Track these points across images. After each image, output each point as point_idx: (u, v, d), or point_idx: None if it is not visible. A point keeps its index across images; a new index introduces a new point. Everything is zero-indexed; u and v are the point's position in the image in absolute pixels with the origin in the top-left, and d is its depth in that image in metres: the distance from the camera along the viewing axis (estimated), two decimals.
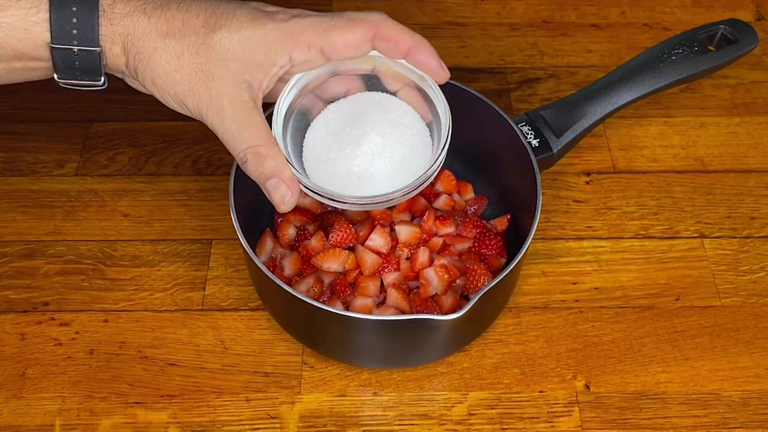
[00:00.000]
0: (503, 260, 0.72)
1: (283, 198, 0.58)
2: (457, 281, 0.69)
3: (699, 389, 0.68)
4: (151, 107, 0.87)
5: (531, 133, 0.71)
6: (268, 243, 0.72)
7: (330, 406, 0.67)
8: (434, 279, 0.67)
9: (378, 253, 0.69)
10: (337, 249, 0.69)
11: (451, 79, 0.73)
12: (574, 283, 0.74)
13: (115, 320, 0.71)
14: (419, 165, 0.61)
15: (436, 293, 0.68)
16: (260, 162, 0.57)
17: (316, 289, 0.68)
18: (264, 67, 0.58)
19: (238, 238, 0.63)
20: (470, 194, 0.77)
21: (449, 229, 0.72)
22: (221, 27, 0.57)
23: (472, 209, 0.75)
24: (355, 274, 0.69)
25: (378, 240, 0.69)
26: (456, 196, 0.76)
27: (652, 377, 0.69)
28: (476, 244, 0.71)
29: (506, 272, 0.61)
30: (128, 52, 0.57)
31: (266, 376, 0.68)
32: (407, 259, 0.70)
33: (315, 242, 0.70)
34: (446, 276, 0.67)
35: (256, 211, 0.73)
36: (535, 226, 0.64)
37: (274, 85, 0.60)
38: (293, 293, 0.60)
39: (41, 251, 0.75)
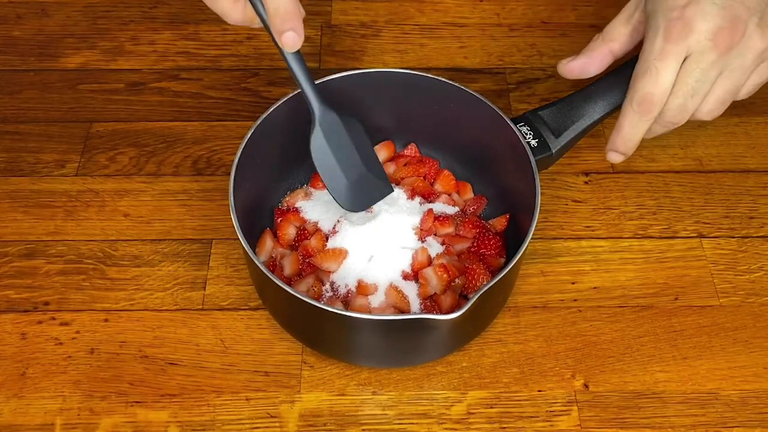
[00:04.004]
0: (502, 260, 0.72)
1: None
2: (456, 281, 0.69)
3: (697, 388, 0.68)
4: (151, 107, 0.88)
5: (530, 134, 0.71)
6: (268, 243, 0.72)
7: (329, 405, 0.67)
8: (433, 279, 0.68)
9: None
10: (337, 249, 0.69)
11: (450, 79, 0.73)
12: (573, 283, 0.75)
13: (116, 320, 0.71)
14: None
15: (435, 293, 0.68)
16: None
17: (316, 289, 0.68)
18: None
19: (238, 238, 0.63)
20: (469, 194, 0.77)
21: (449, 230, 0.72)
22: None
23: (471, 209, 0.75)
24: None
25: None
26: (455, 196, 0.76)
27: (651, 376, 0.69)
28: (475, 244, 0.72)
29: (505, 271, 0.61)
30: None
31: (266, 375, 0.68)
32: None
33: (315, 242, 0.70)
34: (445, 276, 0.67)
35: (256, 211, 0.74)
36: (534, 226, 0.64)
37: None
38: (293, 293, 0.60)
39: (42, 251, 0.76)
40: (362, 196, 0.69)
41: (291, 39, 0.60)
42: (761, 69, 0.67)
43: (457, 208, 0.75)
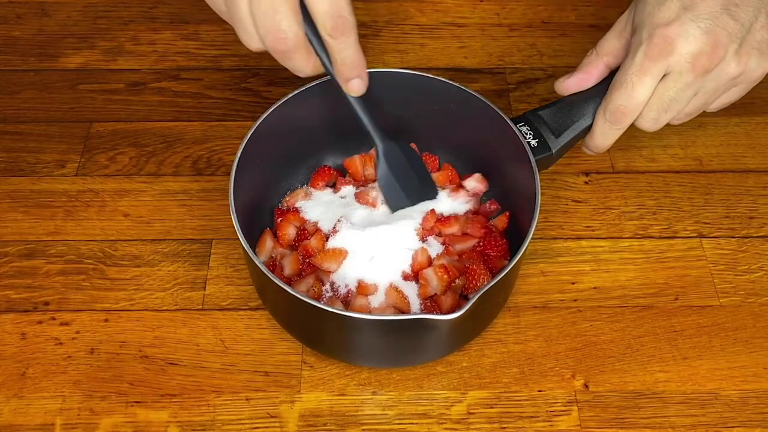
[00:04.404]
0: (506, 262, 0.72)
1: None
2: (457, 281, 0.69)
3: (697, 388, 0.68)
4: (151, 107, 0.88)
5: (530, 134, 0.71)
6: (268, 243, 0.72)
7: (329, 405, 0.67)
8: (434, 279, 0.68)
9: None
10: (337, 249, 0.69)
11: (450, 79, 0.73)
12: (573, 283, 0.75)
13: (116, 320, 0.71)
14: None
15: (435, 293, 0.68)
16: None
17: (316, 289, 0.68)
18: None
19: (238, 238, 0.63)
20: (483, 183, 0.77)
21: (452, 229, 0.72)
22: None
23: (490, 208, 0.75)
24: None
25: None
26: (476, 185, 0.76)
27: (651, 376, 0.69)
28: (481, 244, 0.71)
29: (505, 272, 0.61)
30: None
31: (266, 375, 0.68)
32: None
33: (314, 242, 0.70)
34: (446, 276, 0.67)
35: (256, 211, 0.74)
36: (534, 226, 0.64)
37: None
38: (293, 293, 0.60)
39: (42, 251, 0.76)
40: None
41: (357, 85, 0.63)
42: (732, 92, 0.69)
43: (469, 205, 0.75)
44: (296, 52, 0.60)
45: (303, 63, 0.61)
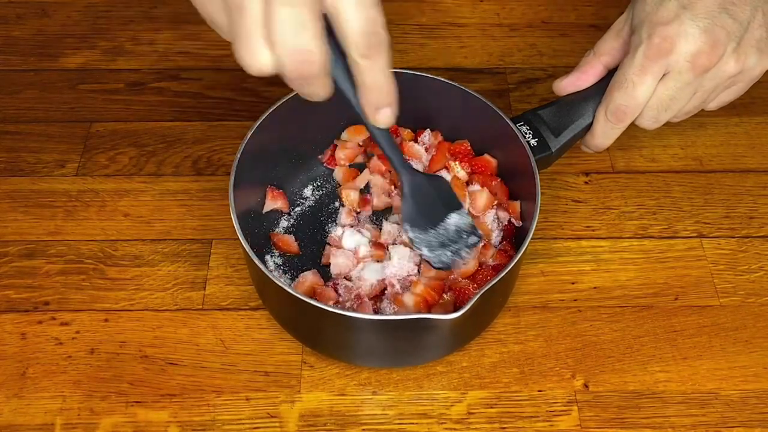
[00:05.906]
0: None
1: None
2: (446, 296, 0.68)
3: (697, 388, 0.68)
4: (151, 107, 0.88)
5: (529, 133, 0.71)
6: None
7: (330, 405, 0.67)
8: (410, 305, 0.67)
9: None
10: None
11: (450, 79, 0.73)
12: (573, 283, 0.75)
13: (116, 320, 0.71)
14: None
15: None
16: None
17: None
18: None
19: (238, 238, 0.63)
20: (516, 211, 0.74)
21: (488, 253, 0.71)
22: None
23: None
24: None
25: None
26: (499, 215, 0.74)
27: (651, 376, 0.69)
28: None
29: (505, 271, 0.61)
30: None
31: (266, 375, 0.68)
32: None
33: None
34: (421, 304, 0.67)
35: (257, 211, 0.74)
36: (534, 226, 0.64)
37: None
38: (293, 293, 0.60)
39: (42, 251, 0.76)
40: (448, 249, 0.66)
41: (386, 115, 0.54)
42: (731, 90, 0.70)
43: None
44: (321, 77, 0.51)
45: (322, 88, 0.52)
